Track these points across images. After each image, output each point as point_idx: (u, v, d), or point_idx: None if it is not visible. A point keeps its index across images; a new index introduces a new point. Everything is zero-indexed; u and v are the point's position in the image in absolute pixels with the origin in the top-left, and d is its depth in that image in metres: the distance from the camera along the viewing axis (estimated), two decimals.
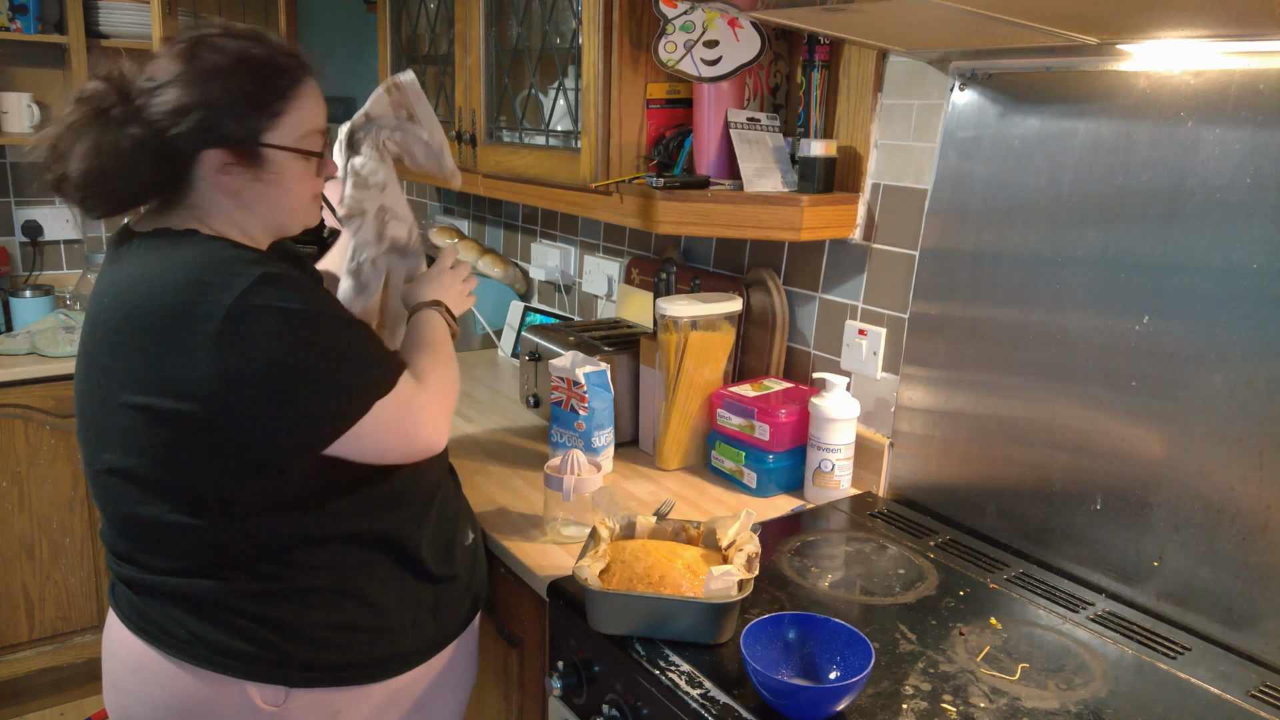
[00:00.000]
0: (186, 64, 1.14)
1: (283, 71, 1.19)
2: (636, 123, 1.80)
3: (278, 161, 1.19)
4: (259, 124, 1.17)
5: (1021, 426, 1.48)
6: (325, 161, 1.28)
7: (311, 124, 1.22)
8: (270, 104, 1.17)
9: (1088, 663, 1.19)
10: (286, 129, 1.19)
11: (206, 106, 1.13)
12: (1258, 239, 1.20)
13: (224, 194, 1.18)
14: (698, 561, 1.26)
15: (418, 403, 1.21)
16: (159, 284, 1.11)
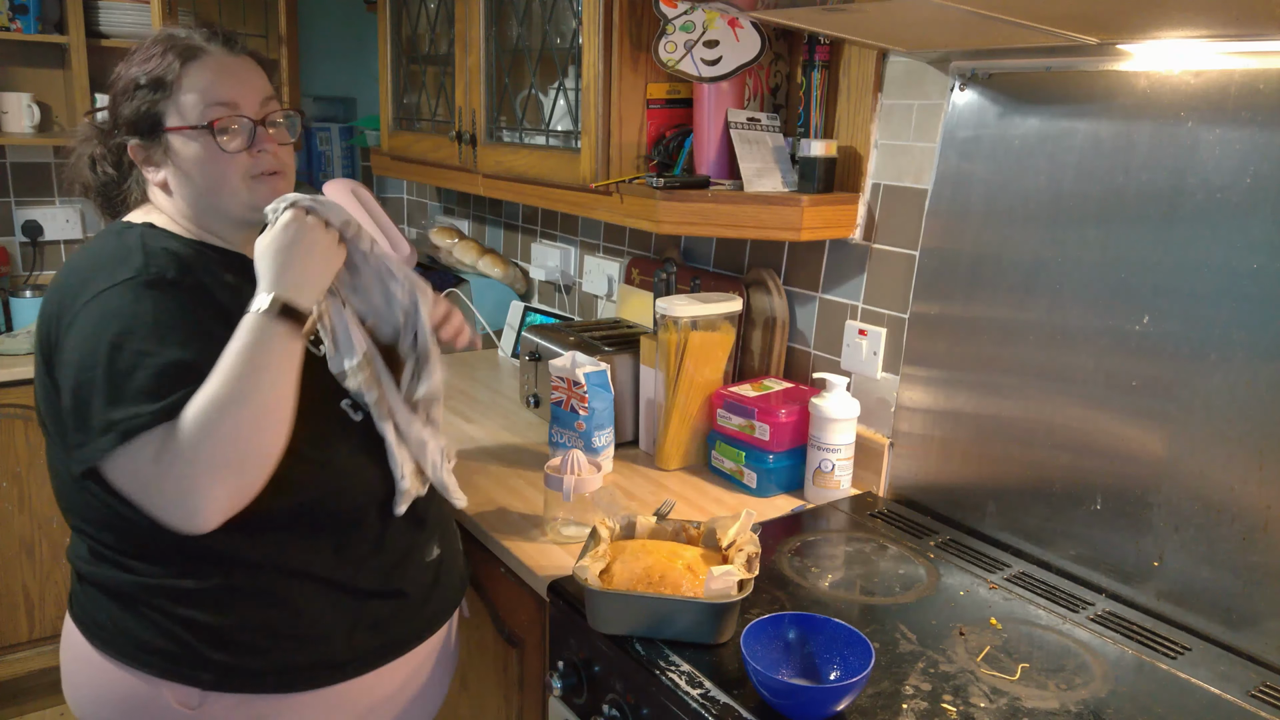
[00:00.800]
0: (119, 66, 1.24)
1: (165, 51, 1.20)
2: (636, 123, 1.80)
3: (179, 146, 1.20)
4: (152, 109, 1.19)
5: (1021, 426, 1.48)
6: (254, 135, 1.21)
7: (211, 99, 1.19)
8: (159, 86, 1.19)
9: (1088, 663, 1.19)
10: (182, 109, 1.19)
11: (115, 100, 1.22)
12: (1258, 239, 1.20)
13: (155, 184, 1.24)
14: (698, 562, 1.26)
15: (161, 470, 1.02)
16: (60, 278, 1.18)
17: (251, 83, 1.24)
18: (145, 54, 1.21)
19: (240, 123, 1.21)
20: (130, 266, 1.12)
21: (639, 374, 1.89)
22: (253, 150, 1.22)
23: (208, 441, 1.02)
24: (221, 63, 1.22)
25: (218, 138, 1.19)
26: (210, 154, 1.20)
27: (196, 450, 1.02)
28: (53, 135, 2.89)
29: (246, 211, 1.23)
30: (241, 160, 1.21)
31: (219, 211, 1.23)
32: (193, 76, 1.19)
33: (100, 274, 1.12)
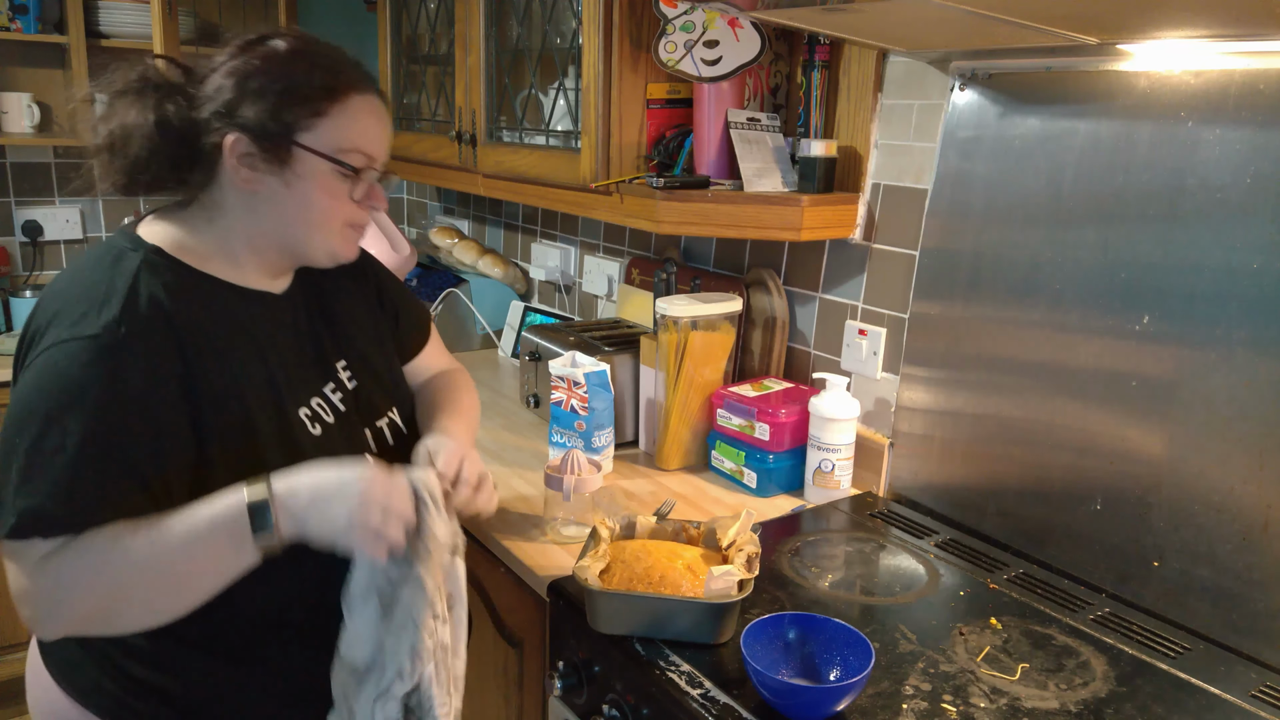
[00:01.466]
0: (239, 54, 1.09)
1: (336, 73, 1.10)
2: (636, 123, 1.80)
3: (305, 164, 1.08)
4: (294, 118, 1.07)
5: (1021, 426, 1.48)
6: (371, 189, 1.14)
7: (358, 141, 1.10)
8: (312, 100, 1.08)
9: (1088, 663, 1.19)
10: (326, 133, 1.08)
11: (243, 90, 1.06)
12: (1258, 239, 1.20)
13: (241, 187, 1.08)
14: (698, 562, 1.26)
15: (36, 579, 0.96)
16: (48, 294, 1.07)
17: (388, 138, 1.17)
18: (299, 56, 1.10)
19: (372, 174, 1.14)
20: (101, 318, 1.00)
21: (639, 374, 1.89)
22: (363, 202, 1.14)
23: (102, 591, 0.96)
24: (377, 108, 1.14)
25: (354, 183, 1.11)
26: (331, 190, 1.10)
27: (84, 590, 0.96)
28: (52, 135, 2.89)
29: (323, 257, 1.15)
30: (351, 208, 1.13)
31: (289, 245, 1.13)
32: (353, 110, 1.10)
33: (73, 311, 1.01)
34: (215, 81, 1.08)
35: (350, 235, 1.16)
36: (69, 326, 1.00)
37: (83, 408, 0.97)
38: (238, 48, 1.10)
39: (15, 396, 1.00)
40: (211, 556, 0.99)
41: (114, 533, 0.97)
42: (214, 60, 1.11)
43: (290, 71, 1.08)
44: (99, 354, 0.98)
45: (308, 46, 1.11)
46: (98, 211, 3.07)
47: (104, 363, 0.98)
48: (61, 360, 0.98)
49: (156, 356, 1.01)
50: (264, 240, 1.13)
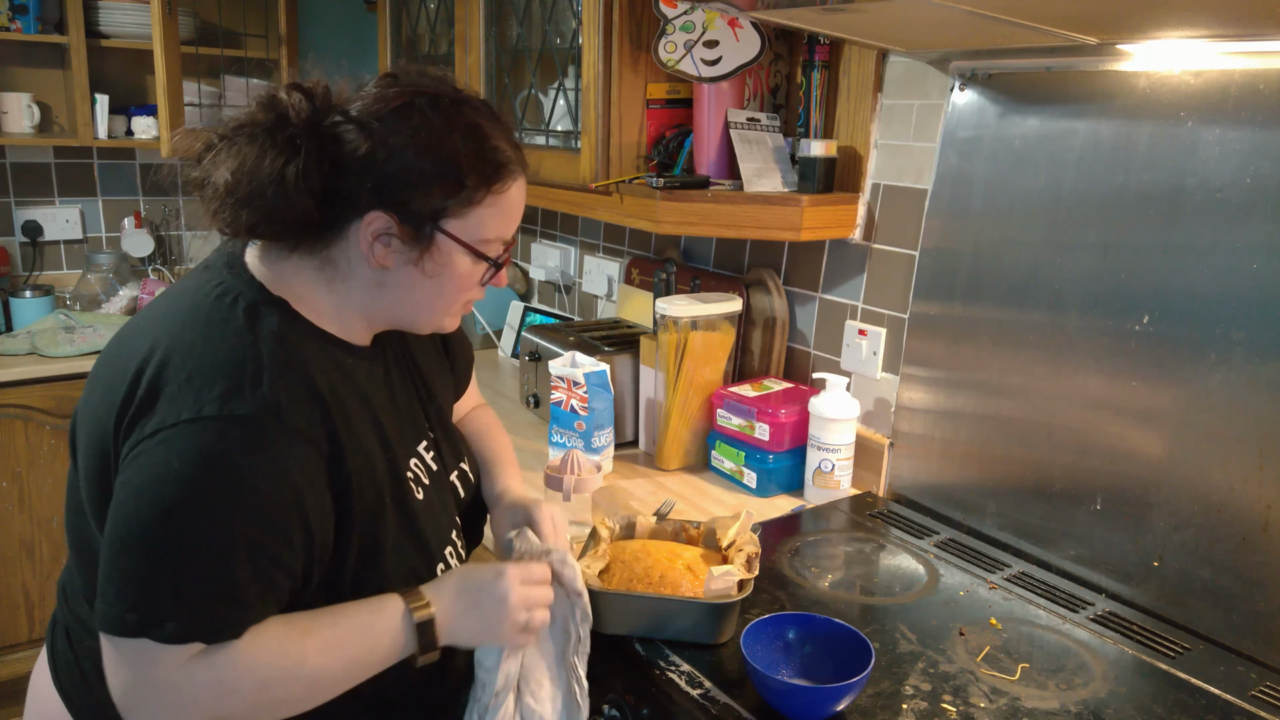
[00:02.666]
0: (397, 114, 0.98)
1: (497, 162, 1.01)
2: (636, 123, 1.80)
3: (446, 253, 1.01)
4: (445, 205, 0.99)
5: (1021, 426, 1.48)
6: (499, 274, 1.09)
7: (502, 230, 1.04)
8: (469, 190, 1.00)
9: (1088, 663, 1.19)
10: (474, 223, 1.01)
11: (397, 165, 0.97)
12: (1258, 239, 1.20)
13: (370, 264, 1.00)
14: (697, 562, 1.26)
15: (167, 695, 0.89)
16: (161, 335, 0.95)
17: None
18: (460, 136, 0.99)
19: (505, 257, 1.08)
20: (256, 393, 0.91)
21: (639, 374, 1.89)
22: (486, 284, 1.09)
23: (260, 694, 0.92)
24: (521, 191, 1.06)
25: (489, 273, 1.06)
26: (465, 279, 1.04)
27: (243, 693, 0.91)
28: (52, 135, 2.89)
29: (429, 328, 1.10)
30: (477, 290, 1.08)
31: (407, 321, 1.08)
32: (503, 199, 1.03)
33: (214, 376, 0.91)
34: (364, 144, 0.97)
35: (462, 311, 1.12)
36: (215, 400, 0.89)
37: (242, 500, 0.89)
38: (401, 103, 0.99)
39: (155, 474, 0.88)
40: (373, 666, 0.99)
41: (281, 636, 0.93)
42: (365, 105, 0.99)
43: (454, 154, 0.99)
44: (258, 440, 0.90)
45: (468, 120, 1.01)
46: (97, 211, 3.07)
47: (264, 450, 0.90)
48: (216, 443, 0.88)
49: (310, 440, 0.94)
50: (381, 313, 1.06)
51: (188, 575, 0.88)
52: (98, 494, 0.96)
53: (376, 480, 1.02)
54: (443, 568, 1.10)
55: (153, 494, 0.87)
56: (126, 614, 0.87)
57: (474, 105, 1.03)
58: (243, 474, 0.89)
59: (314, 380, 0.97)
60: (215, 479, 0.88)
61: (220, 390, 0.90)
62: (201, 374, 0.91)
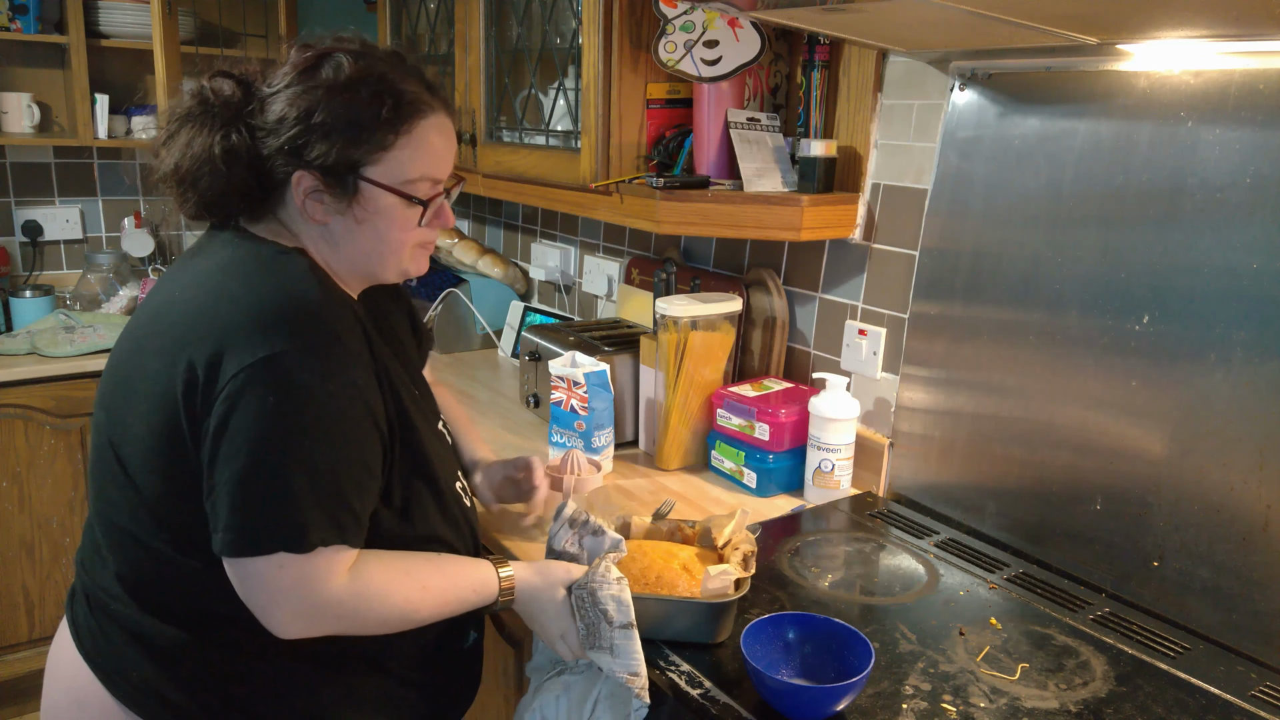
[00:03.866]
0: (304, 76, 1.05)
1: (402, 101, 1.06)
2: (636, 123, 1.80)
3: (374, 200, 1.07)
4: (360, 154, 1.05)
5: (1021, 426, 1.48)
6: (440, 210, 1.14)
7: (425, 168, 1.09)
8: (378, 135, 1.05)
9: (1088, 663, 1.19)
10: (393, 166, 1.06)
11: (307, 125, 1.04)
12: (1258, 239, 1.20)
13: (312, 221, 1.09)
14: (694, 561, 1.26)
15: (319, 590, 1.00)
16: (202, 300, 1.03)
17: (454, 150, 1.15)
18: (359, 85, 1.05)
19: (440, 196, 1.13)
20: (315, 324, 1.00)
21: (639, 374, 1.89)
22: (433, 222, 1.14)
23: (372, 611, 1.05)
24: (441, 128, 1.10)
25: (425, 213, 1.11)
26: (402, 222, 1.09)
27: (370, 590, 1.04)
28: (52, 135, 2.89)
29: (394, 274, 1.16)
30: (421, 231, 1.13)
31: (364, 271, 1.14)
32: (417, 138, 1.07)
33: (271, 318, 0.99)
34: (277, 109, 1.05)
35: (421, 253, 1.16)
36: (283, 336, 0.98)
37: (338, 419, 1.00)
38: (299, 70, 1.06)
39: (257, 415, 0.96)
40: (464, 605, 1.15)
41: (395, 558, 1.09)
42: (274, 78, 1.07)
43: (354, 104, 1.04)
44: (330, 363, 1.00)
45: (369, 69, 1.06)
46: (97, 211, 3.07)
47: (339, 375, 1.00)
48: (298, 373, 0.97)
49: (366, 362, 1.05)
50: (343, 267, 1.13)
51: (305, 492, 0.97)
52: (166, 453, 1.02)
53: (408, 405, 1.12)
54: (461, 485, 1.22)
55: (258, 427, 0.96)
56: (277, 536, 0.97)
57: (378, 55, 1.09)
58: (331, 397, 0.99)
59: (356, 312, 1.08)
60: (307, 405, 0.97)
61: (286, 326, 0.99)
62: (261, 315, 0.99)
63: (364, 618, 1.06)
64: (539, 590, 1.17)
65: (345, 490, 1.01)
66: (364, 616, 1.05)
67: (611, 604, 1.13)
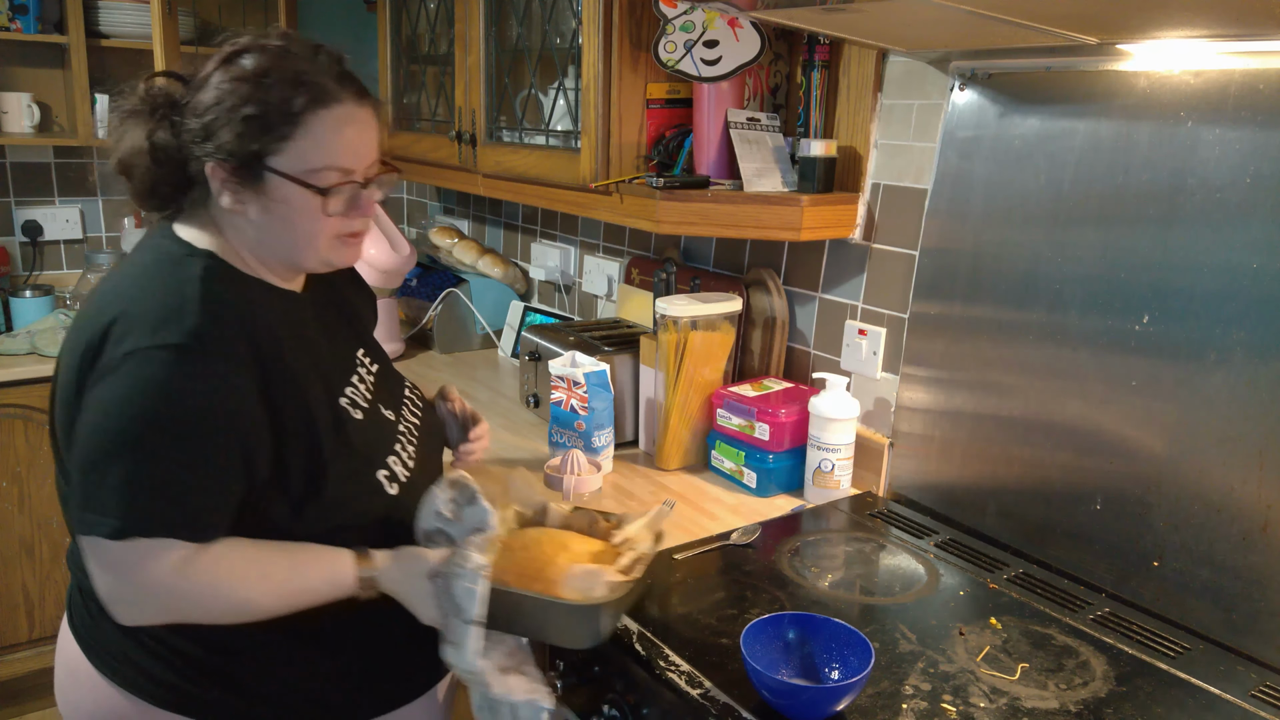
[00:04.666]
0: (221, 70, 1.08)
1: (297, 93, 1.06)
2: (636, 123, 1.80)
3: (278, 189, 1.08)
4: (263, 144, 1.06)
5: (1021, 426, 1.48)
6: (355, 201, 1.13)
7: (329, 158, 1.08)
8: (281, 125, 1.06)
9: (1088, 663, 1.19)
10: (295, 155, 1.07)
11: (216, 116, 1.06)
12: (1258, 239, 1.20)
13: (232, 212, 1.11)
14: (587, 557, 1.17)
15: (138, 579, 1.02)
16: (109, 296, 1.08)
17: (370, 141, 1.13)
18: (266, 76, 1.07)
19: (351, 187, 1.12)
20: (183, 326, 1.02)
21: (639, 374, 1.89)
22: (350, 213, 1.13)
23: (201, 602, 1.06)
24: (350, 117, 1.10)
25: (327, 202, 1.10)
26: (306, 211, 1.10)
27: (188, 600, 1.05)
28: (52, 135, 2.89)
29: (317, 265, 1.16)
30: (336, 222, 1.12)
31: (287, 260, 1.15)
32: (319, 127, 1.07)
33: (146, 317, 1.03)
34: (195, 103, 1.09)
35: (342, 244, 1.16)
36: (149, 333, 1.02)
37: (182, 417, 1.01)
38: (220, 60, 1.10)
39: (102, 404, 1.02)
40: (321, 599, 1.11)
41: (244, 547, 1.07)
42: (202, 71, 1.11)
43: (256, 94, 1.06)
44: (189, 363, 1.02)
45: (276, 62, 1.08)
46: (97, 211, 3.07)
47: (195, 372, 1.02)
48: (152, 369, 1.01)
49: (239, 364, 1.05)
50: (265, 253, 1.15)
51: (126, 484, 1.00)
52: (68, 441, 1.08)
53: (308, 404, 1.12)
54: (385, 474, 1.19)
55: (112, 416, 1.01)
56: (99, 521, 1.00)
57: (293, 49, 1.10)
58: (180, 395, 1.01)
59: (240, 313, 1.08)
60: (159, 401, 1.00)
61: (152, 325, 1.02)
62: (141, 316, 1.03)
63: (197, 608, 1.07)
64: (398, 583, 1.13)
65: (177, 487, 1.02)
66: (197, 606, 1.07)
67: (464, 596, 1.07)
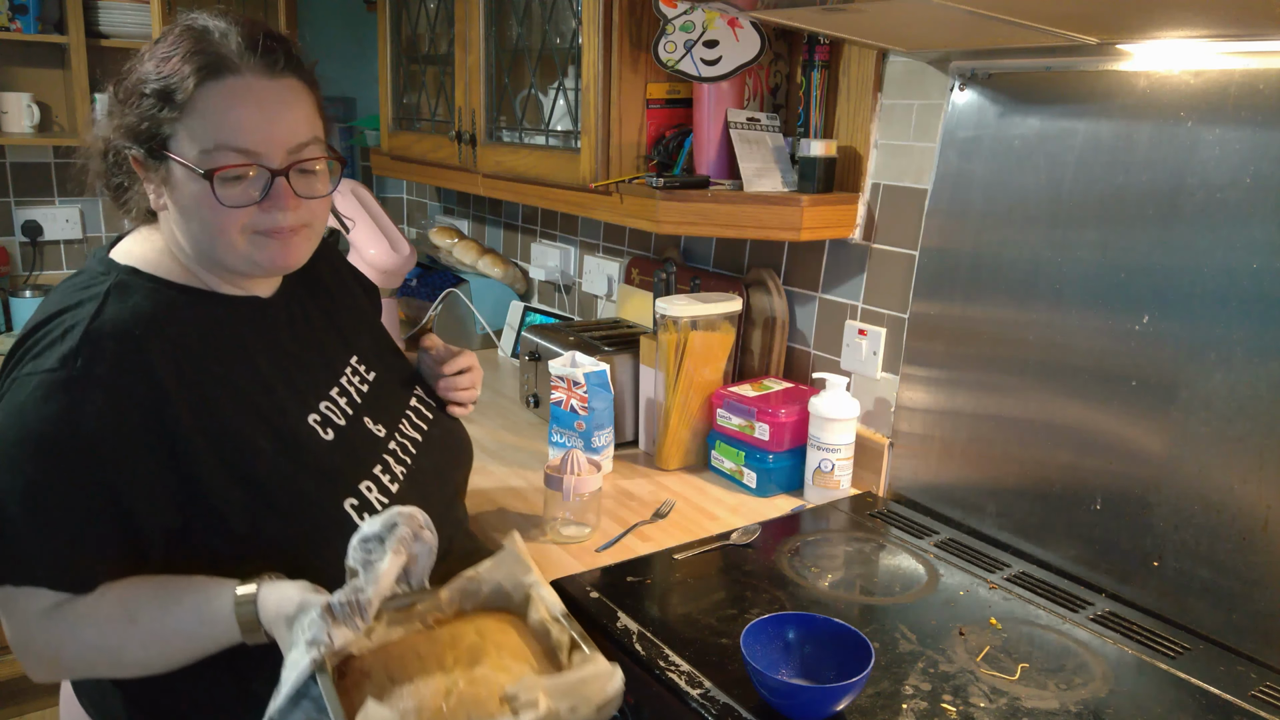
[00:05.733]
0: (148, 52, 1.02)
1: (192, 60, 0.96)
2: (636, 123, 1.80)
3: (179, 177, 0.99)
4: (155, 124, 0.98)
5: (1021, 426, 1.48)
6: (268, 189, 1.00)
7: (220, 135, 0.97)
8: (166, 106, 0.97)
9: (1088, 663, 1.19)
10: (185, 136, 0.98)
11: (128, 100, 1.00)
12: (1258, 239, 1.20)
13: (156, 207, 1.04)
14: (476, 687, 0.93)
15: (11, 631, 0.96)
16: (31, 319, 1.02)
17: (283, 120, 1.00)
18: (164, 50, 0.99)
19: (253, 172, 0.99)
20: (58, 351, 0.94)
21: (639, 374, 1.89)
22: (264, 204, 1.01)
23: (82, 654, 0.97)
24: (249, 90, 0.98)
25: (216, 189, 0.98)
26: (203, 200, 0.99)
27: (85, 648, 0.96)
28: (52, 135, 2.89)
29: (245, 266, 1.04)
30: (245, 214, 1.00)
31: (213, 260, 1.05)
32: (208, 102, 0.97)
33: (39, 342, 0.96)
34: (123, 88, 1.02)
35: (264, 241, 1.03)
36: (31, 360, 0.95)
37: (37, 450, 0.92)
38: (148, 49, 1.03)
39: None
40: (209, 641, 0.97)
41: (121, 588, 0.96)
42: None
43: (156, 71, 0.98)
44: (53, 390, 0.92)
45: (181, 38, 0.99)
46: (97, 211, 3.07)
47: (58, 401, 0.92)
48: (20, 396, 0.93)
49: (118, 388, 0.94)
50: (195, 254, 1.05)
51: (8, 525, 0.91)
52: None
53: (238, 424, 1.01)
54: (354, 503, 1.06)
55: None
56: None
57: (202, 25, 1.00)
58: (35, 425, 0.91)
59: (136, 334, 0.97)
60: (19, 432, 0.92)
61: (38, 351, 0.95)
62: (35, 339, 0.97)
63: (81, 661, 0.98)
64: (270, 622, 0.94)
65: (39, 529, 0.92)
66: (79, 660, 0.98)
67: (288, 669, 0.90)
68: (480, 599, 1.06)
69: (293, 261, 1.07)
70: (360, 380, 1.19)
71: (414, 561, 0.99)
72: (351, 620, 0.89)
